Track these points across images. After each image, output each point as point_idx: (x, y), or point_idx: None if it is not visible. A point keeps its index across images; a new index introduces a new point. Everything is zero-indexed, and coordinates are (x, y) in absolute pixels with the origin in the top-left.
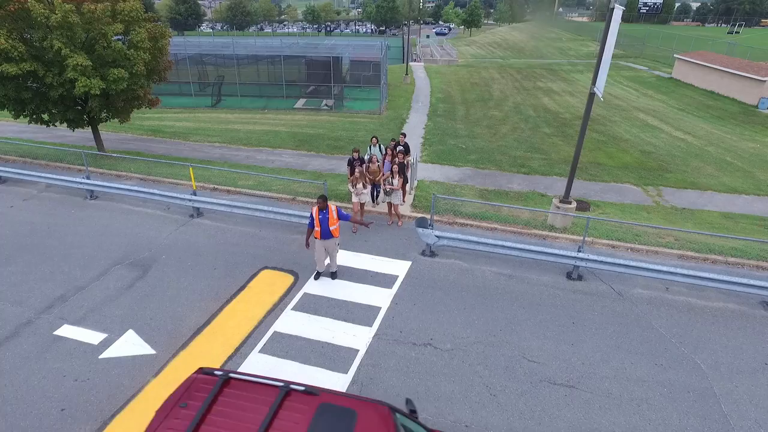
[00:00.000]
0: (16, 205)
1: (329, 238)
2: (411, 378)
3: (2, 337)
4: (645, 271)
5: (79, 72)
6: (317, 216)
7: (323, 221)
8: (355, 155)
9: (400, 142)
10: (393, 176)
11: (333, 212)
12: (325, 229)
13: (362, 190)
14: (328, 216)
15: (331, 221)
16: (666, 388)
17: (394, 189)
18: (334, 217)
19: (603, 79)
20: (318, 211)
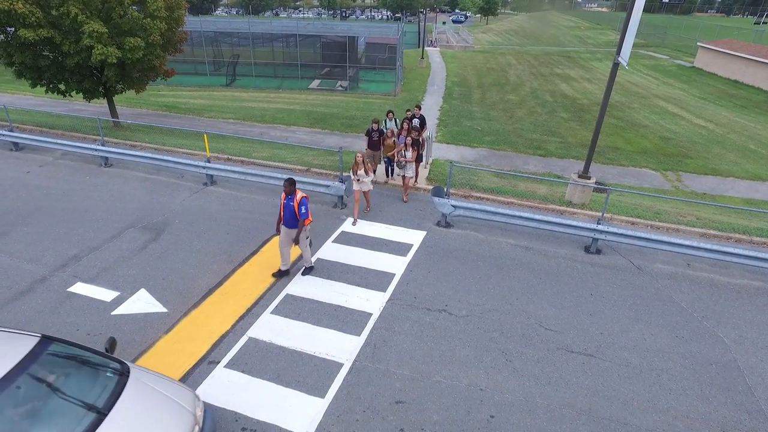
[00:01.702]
0: (33, 171)
1: (293, 228)
2: (425, 342)
3: (18, 292)
4: (666, 245)
5: (95, 39)
6: (282, 201)
7: (286, 207)
8: (375, 126)
9: (415, 114)
10: (407, 149)
11: (296, 202)
12: (287, 217)
13: (364, 176)
14: (293, 203)
15: (296, 209)
16: (687, 360)
17: (408, 161)
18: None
19: (629, 47)
20: (284, 195)
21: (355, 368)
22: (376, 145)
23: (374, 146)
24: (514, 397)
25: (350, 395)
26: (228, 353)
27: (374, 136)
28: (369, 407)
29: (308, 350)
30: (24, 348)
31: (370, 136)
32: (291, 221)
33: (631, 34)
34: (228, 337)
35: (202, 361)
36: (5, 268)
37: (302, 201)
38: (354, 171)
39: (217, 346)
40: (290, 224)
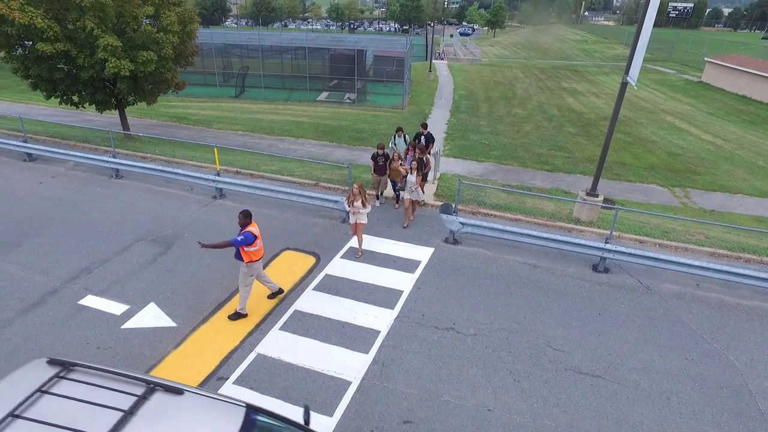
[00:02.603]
0: (45, 182)
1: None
2: (433, 361)
3: (30, 304)
4: (675, 265)
5: (109, 53)
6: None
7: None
8: (380, 151)
9: (422, 133)
10: (411, 172)
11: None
12: (236, 251)
13: (360, 208)
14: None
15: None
16: (697, 383)
17: (414, 185)
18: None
19: (638, 67)
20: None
21: (363, 386)
22: (382, 170)
23: (380, 171)
24: (522, 419)
25: (358, 414)
26: (236, 370)
27: (380, 160)
28: (377, 427)
29: (317, 368)
30: (234, 423)
31: (376, 160)
32: (238, 254)
33: (640, 54)
34: (236, 354)
35: (210, 377)
36: (18, 280)
37: (246, 234)
38: (350, 202)
39: (226, 362)
40: (239, 258)
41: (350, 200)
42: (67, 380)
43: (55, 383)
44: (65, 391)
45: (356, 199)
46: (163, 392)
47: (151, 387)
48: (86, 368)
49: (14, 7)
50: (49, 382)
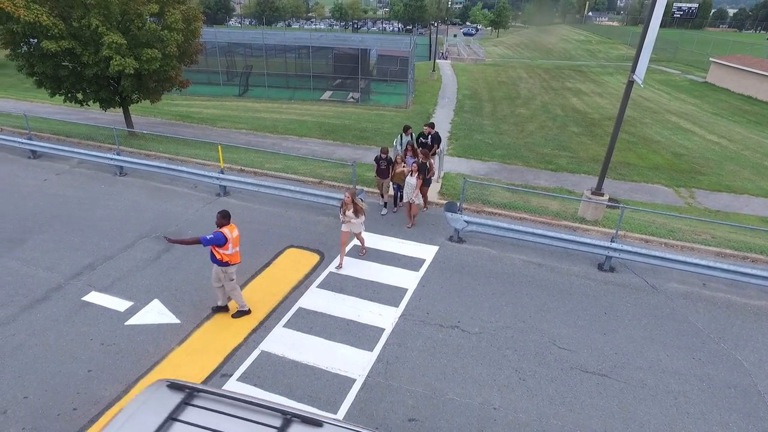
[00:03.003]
0: (50, 179)
1: (215, 263)
2: (438, 359)
3: (34, 300)
4: (682, 264)
5: (114, 50)
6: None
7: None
8: (383, 155)
9: (426, 133)
10: (411, 174)
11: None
12: (211, 253)
13: (352, 217)
14: (238, 232)
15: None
16: (705, 383)
17: (411, 189)
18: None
19: (644, 65)
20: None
21: (367, 384)
22: (385, 173)
23: (383, 174)
24: (528, 418)
25: (363, 412)
26: (240, 366)
27: (382, 164)
28: (382, 424)
29: (321, 365)
30: None
31: (378, 163)
32: (212, 256)
33: (646, 53)
34: (240, 350)
35: (214, 374)
36: (22, 276)
37: (217, 233)
38: (342, 211)
39: (230, 359)
40: (213, 260)
41: (343, 209)
42: (195, 407)
43: (184, 410)
44: (197, 420)
45: (348, 207)
46: (300, 423)
47: (287, 418)
48: (211, 394)
49: (19, 5)
50: (178, 408)
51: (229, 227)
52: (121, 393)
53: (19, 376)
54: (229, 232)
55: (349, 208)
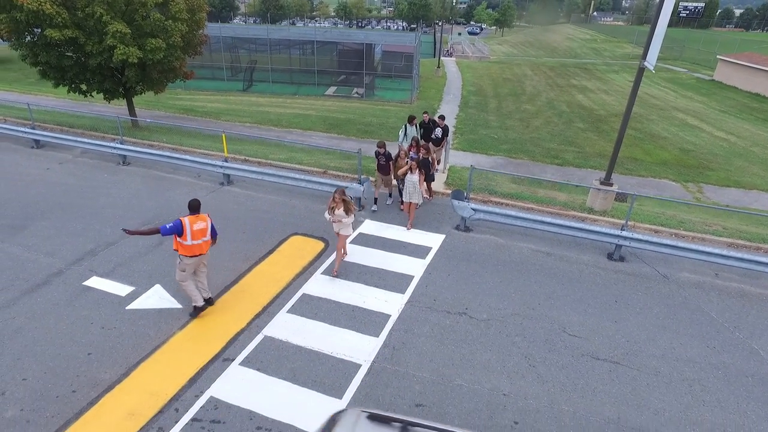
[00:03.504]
0: (52, 168)
1: (202, 254)
2: (445, 345)
3: (34, 284)
4: (694, 253)
5: (118, 39)
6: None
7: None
8: (381, 150)
9: (438, 124)
10: (412, 171)
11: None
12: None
13: (342, 216)
14: (205, 225)
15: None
16: (721, 371)
17: (412, 187)
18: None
19: (656, 50)
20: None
21: (373, 369)
22: (385, 169)
23: (383, 170)
24: (539, 404)
25: (369, 397)
26: (243, 351)
27: (381, 159)
28: (388, 410)
29: (325, 350)
30: None
31: (378, 158)
32: None
33: (658, 39)
34: (243, 335)
35: (216, 358)
36: (22, 261)
37: (176, 222)
38: (330, 210)
39: (232, 343)
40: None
41: (330, 207)
42: None
43: None
44: None
45: (338, 206)
46: None
47: None
48: (417, 426)
49: None
50: None
51: (193, 218)
52: (121, 376)
53: (18, 358)
54: (189, 222)
55: (339, 206)
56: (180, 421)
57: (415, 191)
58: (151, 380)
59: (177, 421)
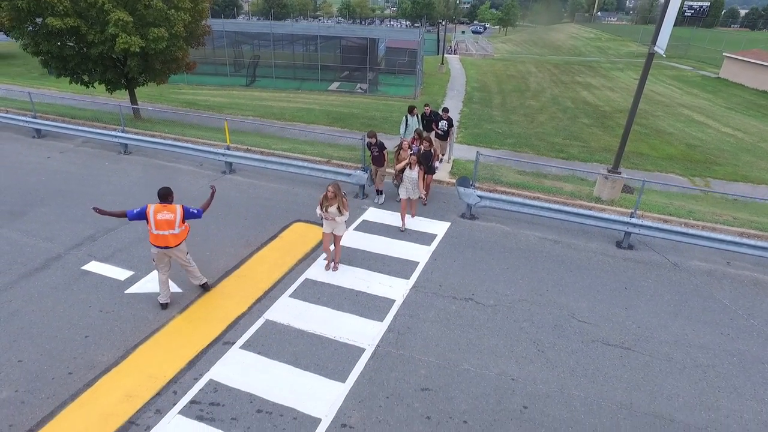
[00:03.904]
0: (53, 157)
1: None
2: (452, 330)
3: (32, 268)
4: (705, 240)
5: (120, 28)
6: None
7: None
8: (371, 140)
9: (443, 117)
10: (412, 167)
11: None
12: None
13: (336, 214)
14: (172, 216)
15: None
16: (736, 358)
17: (411, 183)
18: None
19: (666, 36)
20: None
21: (377, 354)
22: (379, 161)
23: (377, 162)
24: (549, 389)
25: (373, 381)
26: (244, 335)
27: (374, 150)
28: (393, 393)
29: (328, 334)
30: None
31: (371, 150)
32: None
33: (669, 23)
34: (244, 319)
35: (216, 341)
36: (21, 246)
37: (142, 207)
38: (322, 206)
39: (233, 327)
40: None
41: (323, 205)
42: None
43: None
44: None
45: (331, 203)
46: None
47: None
48: None
49: None
50: None
51: (159, 206)
52: (119, 359)
53: (14, 340)
54: (153, 210)
55: (332, 203)
56: (178, 404)
57: (415, 189)
58: (150, 363)
59: (175, 404)
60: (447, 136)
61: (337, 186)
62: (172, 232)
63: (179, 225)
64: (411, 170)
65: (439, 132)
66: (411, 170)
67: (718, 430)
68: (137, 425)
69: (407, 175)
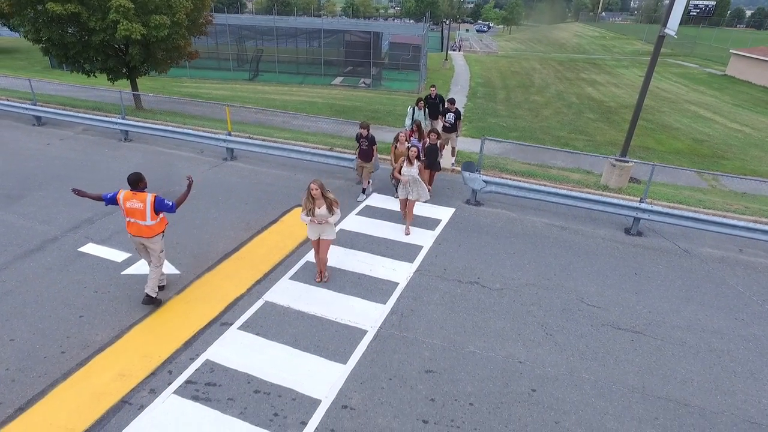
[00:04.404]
0: (53, 144)
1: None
2: (456, 312)
3: (28, 250)
4: (717, 226)
5: (121, 14)
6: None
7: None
8: (363, 132)
9: (449, 108)
10: (410, 163)
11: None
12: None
13: (325, 216)
14: (142, 205)
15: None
16: (751, 343)
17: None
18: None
19: (677, 17)
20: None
21: (380, 336)
22: (367, 156)
23: (364, 156)
24: (557, 372)
25: (375, 362)
26: (242, 316)
27: (363, 143)
28: (396, 375)
29: (329, 316)
30: None
31: (359, 143)
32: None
33: (681, 3)
34: (243, 300)
35: (214, 322)
36: (17, 228)
37: (114, 192)
38: (308, 209)
39: (231, 308)
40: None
41: (308, 207)
42: None
43: None
44: None
45: (317, 204)
46: None
47: None
48: None
49: None
50: None
51: (129, 194)
52: (113, 338)
53: (6, 319)
54: (122, 197)
55: (319, 203)
56: (173, 383)
57: (416, 186)
58: (145, 343)
59: (170, 383)
60: (455, 128)
61: (321, 183)
62: (145, 223)
63: (152, 216)
64: (410, 167)
65: (447, 124)
66: (410, 167)
67: (735, 414)
68: (130, 404)
69: (405, 172)
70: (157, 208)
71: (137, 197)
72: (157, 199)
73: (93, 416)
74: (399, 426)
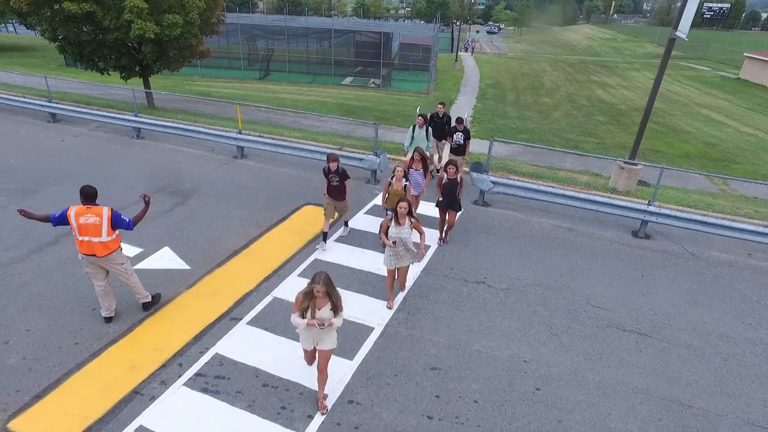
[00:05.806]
0: (67, 140)
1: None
2: (463, 311)
3: (43, 243)
4: (725, 230)
5: (135, 14)
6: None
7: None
8: (331, 165)
9: (458, 128)
10: (400, 222)
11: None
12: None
13: (329, 317)
14: (98, 219)
15: (93, 229)
16: (759, 347)
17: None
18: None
19: (688, 20)
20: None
21: (386, 333)
22: (337, 193)
23: (334, 193)
24: (562, 371)
25: (381, 359)
26: (251, 311)
27: (333, 180)
28: (401, 372)
29: None
30: None
31: (328, 178)
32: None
33: (692, 5)
34: (252, 296)
35: (223, 316)
36: (33, 223)
37: (62, 211)
38: (303, 310)
39: (240, 303)
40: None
41: (303, 307)
42: None
43: None
44: None
45: (320, 304)
46: None
47: None
48: None
49: None
50: None
51: (82, 208)
52: (126, 331)
53: (23, 310)
54: (74, 213)
55: (321, 303)
56: (183, 376)
57: (407, 252)
58: (156, 336)
59: (180, 376)
60: (464, 150)
61: (327, 279)
62: (100, 239)
63: (108, 232)
64: (399, 227)
65: (454, 146)
66: (399, 227)
67: (739, 417)
68: (142, 395)
69: (394, 234)
70: (114, 223)
71: (92, 211)
72: (114, 213)
73: (106, 405)
74: (404, 421)
